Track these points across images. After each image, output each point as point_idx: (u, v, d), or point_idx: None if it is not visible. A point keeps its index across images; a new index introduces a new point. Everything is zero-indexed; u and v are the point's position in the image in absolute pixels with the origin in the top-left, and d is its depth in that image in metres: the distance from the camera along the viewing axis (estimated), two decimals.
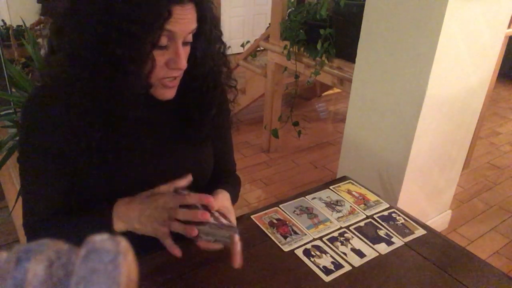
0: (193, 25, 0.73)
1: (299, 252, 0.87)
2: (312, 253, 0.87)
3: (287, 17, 2.46)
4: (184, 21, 0.70)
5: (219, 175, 0.98)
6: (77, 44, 0.69)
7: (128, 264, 0.24)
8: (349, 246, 0.90)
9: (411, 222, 0.99)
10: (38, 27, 3.44)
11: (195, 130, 0.88)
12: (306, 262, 0.85)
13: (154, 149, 0.86)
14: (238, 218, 0.98)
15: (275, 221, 0.97)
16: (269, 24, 2.67)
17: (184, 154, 0.90)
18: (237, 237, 0.73)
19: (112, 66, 0.68)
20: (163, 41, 0.71)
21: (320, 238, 0.92)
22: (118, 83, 0.70)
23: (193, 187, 0.93)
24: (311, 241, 0.91)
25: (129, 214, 0.75)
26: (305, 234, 0.93)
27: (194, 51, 0.78)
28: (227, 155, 1.04)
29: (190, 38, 0.75)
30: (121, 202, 0.77)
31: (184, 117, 0.87)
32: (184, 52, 0.74)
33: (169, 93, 0.79)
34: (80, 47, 0.68)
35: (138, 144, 0.81)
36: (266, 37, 2.72)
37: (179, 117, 0.87)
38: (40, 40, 3.14)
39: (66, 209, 0.84)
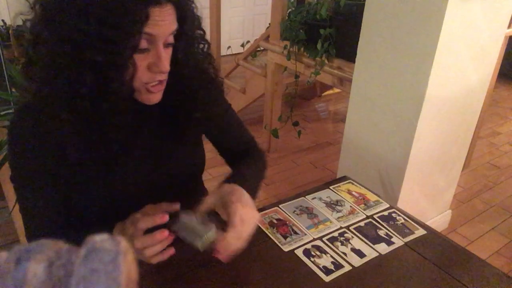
0: (173, 26, 0.71)
1: (299, 252, 0.87)
2: (312, 253, 0.87)
3: (287, 17, 2.46)
4: (163, 23, 0.68)
5: (237, 158, 0.99)
6: (55, 54, 0.66)
7: (128, 264, 0.24)
8: (349, 246, 0.90)
9: (411, 222, 0.99)
10: None
11: (182, 131, 0.87)
12: (306, 262, 0.85)
13: (143, 153, 0.85)
14: None
15: (275, 221, 0.97)
16: (269, 24, 2.67)
17: (174, 156, 0.89)
18: (218, 235, 0.72)
19: (93, 73, 0.66)
20: (143, 44, 0.69)
21: (320, 238, 0.92)
22: (100, 90, 0.68)
23: (186, 186, 0.94)
24: (311, 241, 0.91)
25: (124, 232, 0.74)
26: (305, 234, 0.93)
27: (176, 52, 0.77)
28: (237, 137, 1.03)
29: (171, 39, 0.73)
30: (117, 227, 0.75)
31: (170, 119, 0.86)
32: (166, 54, 0.73)
33: (154, 98, 0.77)
34: (58, 57, 0.65)
35: (127, 150, 0.80)
36: (266, 37, 2.71)
37: (165, 119, 0.86)
38: None
39: (65, 223, 0.84)
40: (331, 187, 1.11)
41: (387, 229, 0.96)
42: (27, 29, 0.70)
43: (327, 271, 0.82)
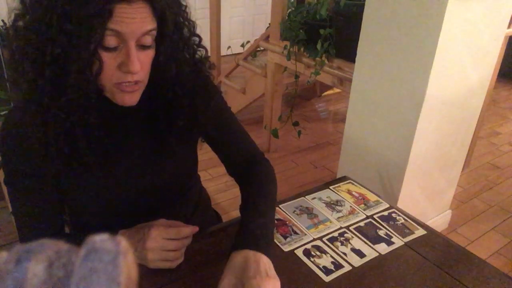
0: (146, 26, 0.67)
1: (299, 252, 0.87)
2: (312, 253, 0.87)
3: (287, 17, 2.46)
4: (132, 21, 0.65)
5: (241, 170, 0.96)
6: (23, 47, 0.65)
7: (128, 264, 0.24)
8: (349, 246, 0.90)
9: (411, 222, 0.99)
10: None
11: (165, 138, 0.84)
12: (306, 262, 0.85)
13: (132, 159, 0.85)
14: (238, 218, 0.98)
15: (275, 221, 0.97)
16: (269, 24, 2.67)
17: (159, 160, 0.88)
18: None
19: (53, 67, 0.65)
20: (111, 41, 0.66)
21: (320, 238, 0.92)
22: (59, 84, 0.66)
23: (172, 194, 0.93)
24: (311, 241, 0.91)
25: (131, 245, 0.74)
26: (305, 234, 0.93)
27: (158, 56, 0.74)
28: (239, 147, 0.98)
29: (148, 41, 0.69)
30: (122, 234, 0.76)
31: (153, 125, 0.84)
32: (142, 56, 0.70)
33: (128, 99, 0.73)
34: (25, 49, 0.65)
35: (115, 153, 0.80)
36: (266, 37, 2.71)
37: (149, 126, 0.85)
38: None
39: (58, 228, 0.84)
40: (331, 187, 1.11)
41: (387, 229, 0.96)
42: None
43: (327, 271, 0.82)
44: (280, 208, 1.01)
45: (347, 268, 0.84)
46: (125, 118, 0.82)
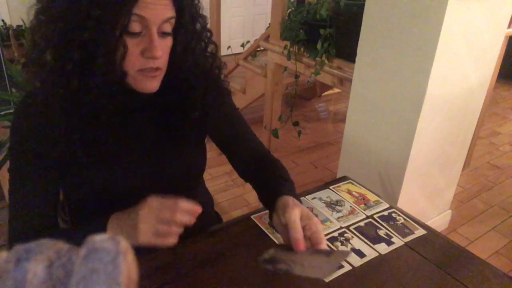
0: (167, 12, 0.71)
1: None
2: None
3: (287, 17, 2.46)
4: (155, 7, 0.69)
5: (250, 166, 0.97)
6: (48, 35, 0.68)
7: (128, 264, 0.24)
8: (349, 246, 0.90)
9: (411, 222, 0.99)
10: None
11: (180, 131, 0.86)
12: None
13: (143, 151, 0.85)
14: (238, 218, 0.98)
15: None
16: (269, 24, 2.67)
17: (173, 155, 0.89)
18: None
19: (80, 52, 0.68)
20: (135, 27, 0.69)
21: None
22: (87, 69, 0.69)
23: (185, 186, 0.93)
24: None
25: (123, 222, 0.73)
26: None
27: (175, 46, 0.78)
28: (246, 144, 1.00)
29: (168, 28, 0.74)
30: (114, 215, 0.75)
31: (169, 118, 0.86)
32: (162, 43, 0.73)
33: (150, 84, 0.76)
34: (50, 37, 0.68)
35: (124, 145, 0.80)
36: (266, 37, 2.71)
37: (165, 117, 0.86)
38: None
39: (53, 221, 0.84)
40: (331, 187, 1.11)
41: (387, 229, 0.96)
42: (27, 28, 0.72)
43: None
44: None
45: (347, 268, 0.84)
46: (141, 110, 0.83)
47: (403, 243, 0.92)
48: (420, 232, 0.95)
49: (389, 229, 0.96)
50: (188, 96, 0.84)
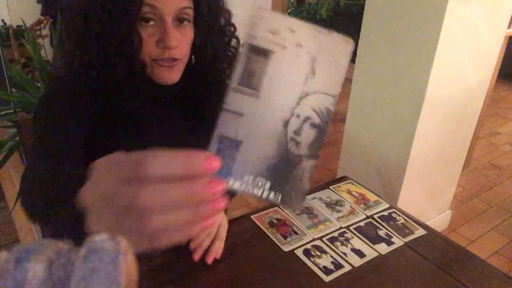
0: (181, 2, 0.71)
1: (299, 252, 0.87)
2: (312, 253, 0.87)
3: None
4: None
5: None
6: (71, 29, 0.72)
7: (128, 264, 0.24)
8: (349, 246, 0.90)
9: (411, 222, 0.99)
10: (38, 27, 3.43)
11: (197, 124, 0.85)
12: (306, 262, 0.85)
13: (164, 143, 0.85)
14: (238, 218, 0.98)
15: (275, 221, 0.97)
16: None
17: (195, 148, 0.88)
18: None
19: (97, 44, 0.70)
20: (147, 16, 0.70)
21: (320, 238, 0.92)
22: (107, 59, 0.71)
23: None
24: (311, 241, 0.91)
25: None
26: (305, 234, 0.93)
27: (195, 38, 0.78)
28: None
29: (183, 18, 0.73)
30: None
31: (192, 111, 0.86)
32: (178, 33, 0.73)
33: (167, 75, 0.76)
34: (72, 30, 0.72)
35: (149, 137, 0.81)
36: None
37: (188, 111, 0.87)
38: (40, 40, 3.14)
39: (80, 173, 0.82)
40: (331, 187, 1.11)
41: (387, 229, 0.96)
42: (27, 28, 0.76)
43: (327, 271, 0.82)
44: (280, 208, 1.01)
45: (347, 268, 0.84)
46: (165, 103, 0.83)
47: (403, 243, 0.92)
48: (420, 232, 0.95)
49: (389, 229, 0.96)
50: (211, 89, 0.84)
